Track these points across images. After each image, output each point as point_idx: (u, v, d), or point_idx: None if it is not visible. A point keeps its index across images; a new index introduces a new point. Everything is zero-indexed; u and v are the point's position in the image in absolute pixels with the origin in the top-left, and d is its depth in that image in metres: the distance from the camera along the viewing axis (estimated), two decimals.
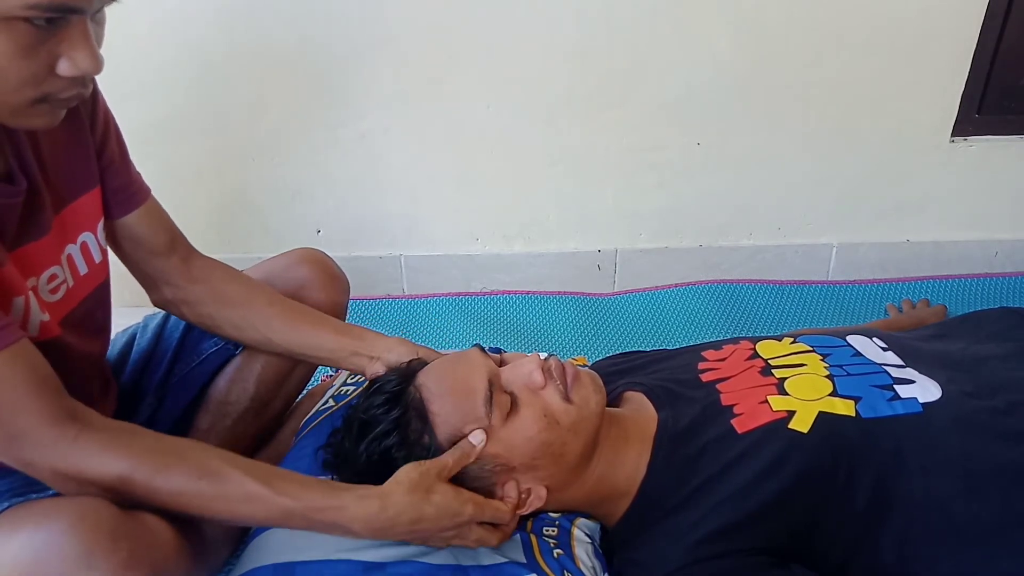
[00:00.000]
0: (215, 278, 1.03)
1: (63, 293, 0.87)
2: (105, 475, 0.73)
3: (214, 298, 1.02)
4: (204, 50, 1.64)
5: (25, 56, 0.64)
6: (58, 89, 0.68)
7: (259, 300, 1.04)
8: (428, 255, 1.89)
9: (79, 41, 0.66)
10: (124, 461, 0.74)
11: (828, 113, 1.73)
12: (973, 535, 0.81)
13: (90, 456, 0.73)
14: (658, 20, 1.63)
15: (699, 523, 0.86)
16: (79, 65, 0.66)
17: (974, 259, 1.87)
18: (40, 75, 0.66)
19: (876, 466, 0.85)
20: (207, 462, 0.77)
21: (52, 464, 0.72)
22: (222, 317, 1.03)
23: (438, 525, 0.81)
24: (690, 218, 1.86)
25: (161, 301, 1.04)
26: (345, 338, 1.03)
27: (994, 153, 1.78)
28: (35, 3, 0.61)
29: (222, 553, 1.03)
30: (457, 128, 1.74)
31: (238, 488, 0.76)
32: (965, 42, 1.67)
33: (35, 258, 0.81)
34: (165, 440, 0.79)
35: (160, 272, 1.00)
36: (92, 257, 0.91)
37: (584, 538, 0.94)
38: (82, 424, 0.74)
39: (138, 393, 1.09)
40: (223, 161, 1.78)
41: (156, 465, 0.75)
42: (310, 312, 1.06)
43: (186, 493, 0.76)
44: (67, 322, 0.87)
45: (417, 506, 0.80)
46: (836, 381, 0.93)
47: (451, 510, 0.81)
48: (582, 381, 0.91)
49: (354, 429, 0.89)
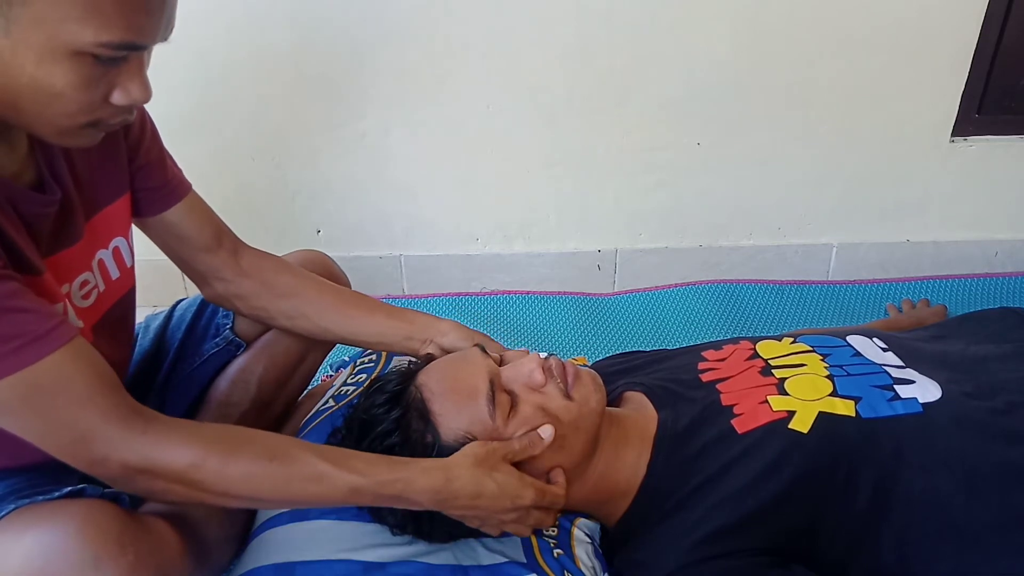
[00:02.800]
0: (265, 270, 1.04)
1: (94, 298, 0.87)
2: (177, 463, 0.73)
3: (266, 290, 1.03)
4: (204, 51, 1.64)
5: (86, 88, 0.66)
6: (108, 115, 0.70)
7: (310, 290, 1.05)
8: (428, 255, 1.89)
9: (135, 73, 0.69)
10: (196, 449, 0.74)
11: (828, 113, 1.73)
12: (973, 535, 0.82)
13: (161, 447, 0.73)
14: (658, 20, 1.63)
15: (699, 523, 0.86)
16: (132, 96, 0.69)
17: (974, 259, 1.87)
18: (95, 104, 0.68)
19: (876, 466, 0.85)
20: (276, 444, 0.78)
21: (124, 459, 0.72)
22: (275, 309, 1.04)
23: (498, 504, 0.82)
24: (690, 218, 1.86)
25: (214, 296, 1.05)
26: (398, 322, 1.04)
27: (994, 153, 1.78)
28: (107, 41, 0.63)
29: (225, 555, 1.02)
30: (457, 128, 1.74)
31: (308, 468, 0.77)
32: (965, 42, 1.67)
33: (68, 265, 0.82)
34: (230, 429, 0.81)
35: (209, 268, 1.01)
36: (124, 261, 0.92)
37: (584, 538, 0.94)
38: (148, 418, 0.74)
39: (140, 393, 1.07)
40: (223, 161, 1.78)
41: (226, 450, 0.75)
42: (362, 298, 1.07)
43: (257, 475, 0.76)
44: (99, 327, 0.88)
45: (480, 481, 0.81)
46: (836, 381, 0.93)
47: (512, 491, 0.82)
48: (582, 379, 0.91)
49: (355, 429, 0.89)
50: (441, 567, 0.85)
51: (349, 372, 1.20)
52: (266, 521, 0.93)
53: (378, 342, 1.06)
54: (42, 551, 0.68)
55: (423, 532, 0.88)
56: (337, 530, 0.89)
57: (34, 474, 0.79)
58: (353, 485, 0.78)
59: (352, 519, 0.90)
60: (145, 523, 0.76)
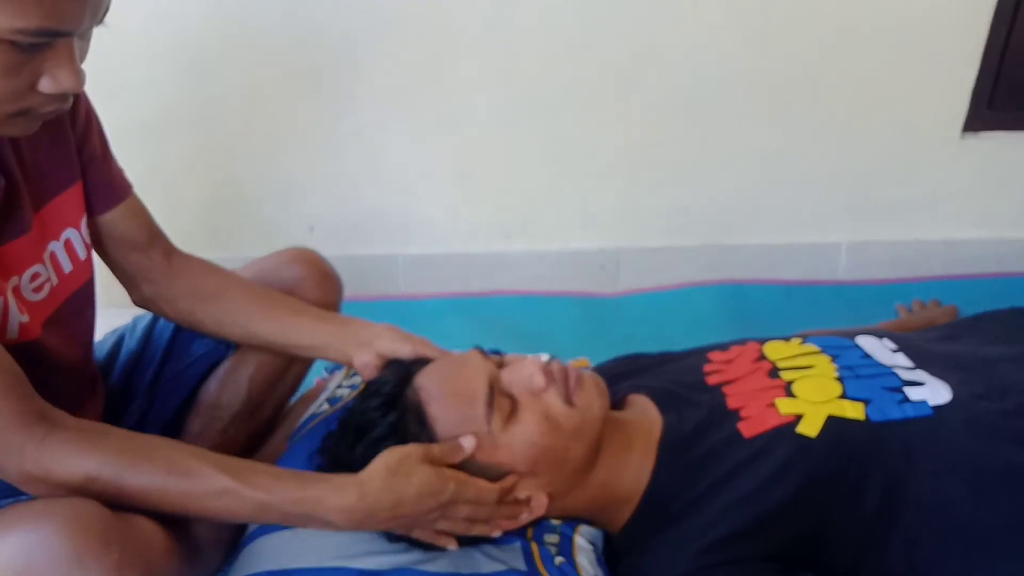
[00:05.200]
0: (194, 272, 1.03)
1: (47, 292, 0.86)
2: (72, 476, 0.73)
3: (192, 293, 1.01)
4: (195, 42, 1.63)
5: (7, 75, 0.65)
6: (38, 104, 0.69)
7: (234, 291, 1.03)
8: (426, 254, 1.88)
9: (63, 60, 0.67)
10: (91, 461, 0.73)
11: (837, 109, 1.72)
12: (982, 538, 0.81)
13: (57, 457, 0.73)
14: (663, 14, 1.62)
15: (704, 530, 0.85)
16: (61, 83, 0.67)
17: (985, 258, 1.85)
18: (21, 92, 0.67)
19: (886, 470, 0.85)
20: (175, 458, 0.77)
21: (20, 467, 0.72)
22: (202, 312, 1.02)
23: (422, 507, 0.80)
24: (695, 216, 1.85)
25: (142, 299, 1.03)
26: (329, 326, 1.01)
27: (1006, 149, 1.77)
28: (22, 28, 0.62)
29: (215, 558, 1.02)
30: (456, 123, 1.73)
31: (208, 483, 0.76)
32: (975, 36, 1.66)
33: (15, 257, 0.81)
34: (135, 439, 0.79)
35: (140, 268, 1.00)
36: (77, 254, 0.90)
37: (586, 545, 0.93)
38: (50, 425, 0.73)
39: (127, 395, 1.08)
40: (213, 157, 1.77)
41: (123, 463, 0.75)
42: (290, 301, 1.04)
43: (155, 491, 0.75)
44: (51, 322, 0.86)
45: (397, 489, 0.78)
46: (845, 383, 0.93)
47: (432, 488, 0.80)
48: (585, 385, 0.90)
49: (350, 432, 0.89)
50: (439, 575, 0.84)
51: (344, 375, 1.19)
52: (259, 528, 0.92)
53: (308, 346, 1.02)
54: (24, 549, 0.68)
55: (420, 540, 0.86)
56: (332, 537, 0.87)
57: None
58: (258, 502, 0.76)
59: None
60: (131, 522, 0.75)
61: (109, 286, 1.02)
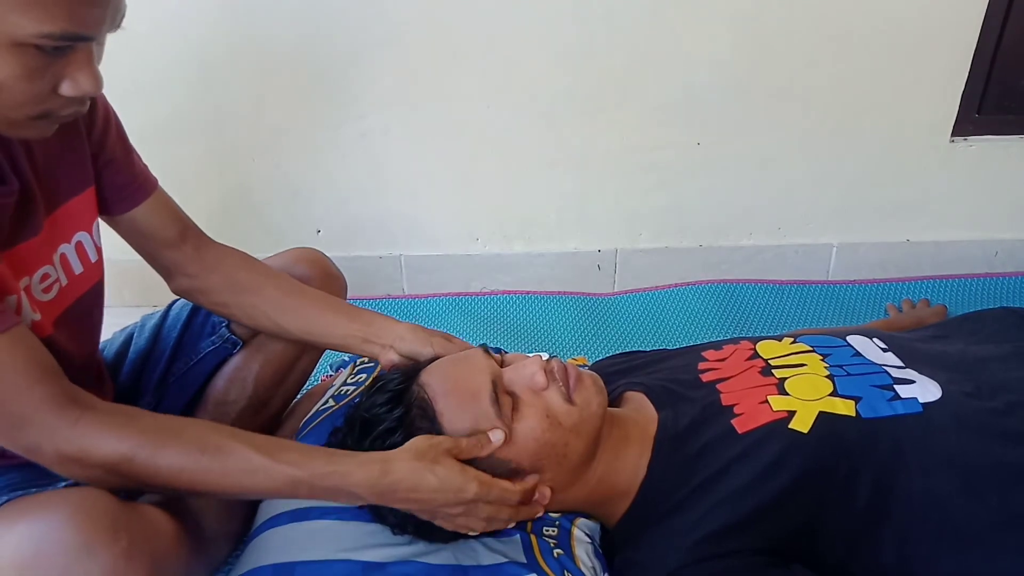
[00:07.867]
0: (228, 265, 1.04)
1: (56, 292, 0.87)
2: (108, 456, 0.73)
3: (227, 287, 1.03)
4: (205, 49, 1.64)
5: (31, 79, 0.66)
6: (58, 107, 0.70)
7: (269, 286, 1.04)
8: (428, 255, 1.89)
9: (83, 64, 0.68)
10: (126, 441, 0.74)
11: (828, 113, 1.73)
12: (972, 534, 0.81)
13: (93, 438, 0.73)
14: (658, 20, 1.63)
15: (699, 523, 0.85)
16: (81, 87, 0.68)
17: (974, 259, 1.87)
18: (43, 95, 0.68)
19: (876, 466, 0.85)
20: (207, 437, 0.78)
21: (57, 447, 0.73)
22: (236, 305, 1.04)
23: (441, 498, 0.80)
24: (690, 218, 1.86)
25: (179, 290, 1.05)
26: (356, 324, 1.02)
27: (994, 153, 1.78)
28: (48, 32, 0.63)
29: (222, 549, 1.03)
30: (458, 127, 1.74)
31: (240, 461, 0.76)
32: (965, 42, 1.67)
33: (27, 258, 0.82)
34: (165, 419, 0.80)
35: (175, 263, 1.01)
36: (88, 256, 0.91)
37: (584, 538, 0.94)
38: (84, 407, 0.74)
39: (136, 393, 1.09)
40: (223, 161, 1.78)
41: (157, 443, 0.75)
42: (322, 297, 1.06)
43: (188, 469, 0.76)
44: (61, 321, 0.87)
45: (418, 473, 0.79)
46: (836, 381, 0.93)
47: (454, 485, 0.80)
48: (584, 382, 0.90)
49: (356, 428, 0.89)
50: (441, 567, 0.85)
51: (349, 372, 1.19)
52: (266, 521, 0.93)
53: (337, 343, 1.04)
54: (33, 539, 0.69)
55: (423, 532, 0.88)
56: (337, 530, 0.88)
57: (31, 470, 0.79)
58: (289, 477, 0.77)
59: (352, 519, 0.90)
60: (139, 511, 0.76)
61: (121, 286, 1.03)
